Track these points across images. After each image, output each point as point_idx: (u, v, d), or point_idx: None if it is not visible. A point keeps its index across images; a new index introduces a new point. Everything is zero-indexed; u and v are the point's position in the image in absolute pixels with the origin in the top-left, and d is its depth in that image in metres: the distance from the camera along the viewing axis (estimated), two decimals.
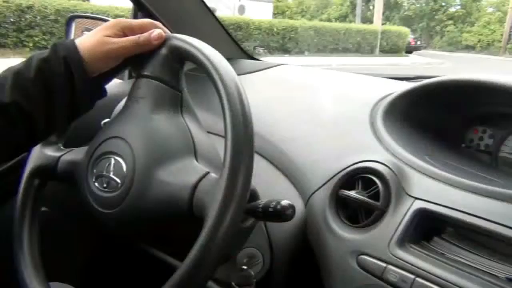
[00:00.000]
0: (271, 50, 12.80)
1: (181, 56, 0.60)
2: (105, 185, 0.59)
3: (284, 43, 13.39)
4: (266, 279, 0.74)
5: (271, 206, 0.54)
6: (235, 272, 0.73)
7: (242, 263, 0.73)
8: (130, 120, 0.60)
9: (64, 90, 0.57)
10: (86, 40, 0.59)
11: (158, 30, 0.60)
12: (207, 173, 0.55)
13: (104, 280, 1.12)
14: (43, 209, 0.72)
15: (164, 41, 0.60)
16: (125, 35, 0.60)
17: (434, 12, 25.20)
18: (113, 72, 0.63)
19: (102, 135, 0.62)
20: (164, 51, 0.60)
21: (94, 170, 0.60)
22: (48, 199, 0.73)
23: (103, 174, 0.59)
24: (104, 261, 1.12)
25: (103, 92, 0.63)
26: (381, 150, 0.72)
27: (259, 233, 0.75)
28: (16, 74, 0.55)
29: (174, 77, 0.61)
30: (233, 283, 0.73)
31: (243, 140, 0.50)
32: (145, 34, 0.60)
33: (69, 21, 1.20)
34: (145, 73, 0.61)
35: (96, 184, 0.60)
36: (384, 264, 0.60)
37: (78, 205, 0.66)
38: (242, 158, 0.50)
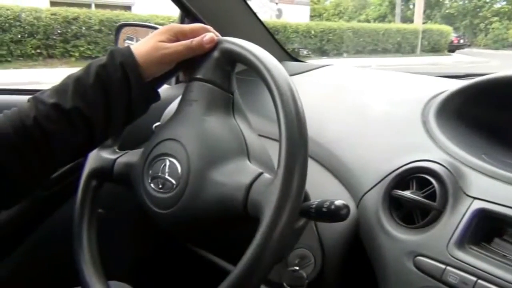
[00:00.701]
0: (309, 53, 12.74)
1: (232, 59, 0.61)
2: (160, 186, 0.60)
3: (322, 45, 13.29)
4: (318, 280, 0.74)
5: (325, 206, 0.54)
6: (287, 273, 0.73)
7: (294, 264, 0.73)
8: (184, 123, 0.61)
9: (121, 94, 0.59)
10: (141, 46, 0.61)
11: (210, 34, 0.62)
12: (261, 173, 0.55)
13: (157, 281, 1.15)
14: (99, 210, 0.75)
15: (215, 45, 0.61)
16: (177, 40, 0.62)
17: (477, 9, 24.32)
18: (166, 76, 0.65)
19: (156, 137, 0.63)
20: (216, 54, 0.61)
21: (150, 172, 0.62)
22: (104, 202, 0.75)
23: (159, 175, 0.60)
24: (157, 262, 1.15)
25: (157, 96, 0.65)
26: (435, 149, 0.70)
27: (310, 234, 0.74)
28: (77, 80, 0.58)
29: (226, 79, 0.62)
30: (285, 284, 0.73)
31: (298, 141, 0.51)
32: (198, 38, 0.61)
33: (118, 29, 1.24)
34: (198, 76, 0.62)
35: (152, 185, 0.61)
36: (443, 266, 0.58)
37: (132, 207, 0.68)
38: (297, 159, 0.50)
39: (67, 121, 0.56)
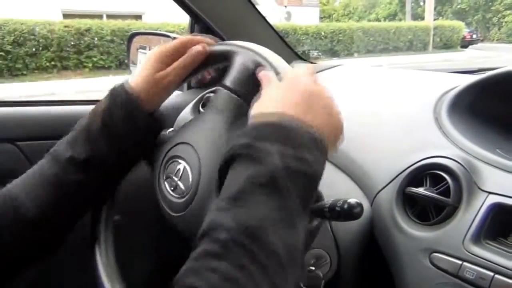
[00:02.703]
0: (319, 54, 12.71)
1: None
2: (172, 188, 0.61)
3: (333, 46, 13.26)
4: (334, 280, 0.73)
5: (338, 205, 0.54)
6: (303, 273, 0.73)
7: (310, 264, 0.73)
8: (204, 131, 0.61)
9: (129, 133, 0.61)
10: (141, 82, 0.62)
11: (195, 47, 0.63)
12: None
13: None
14: (115, 217, 0.76)
15: (210, 53, 0.63)
16: (172, 62, 0.63)
17: (490, 3, 23.97)
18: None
19: (176, 138, 0.64)
20: (250, 65, 0.60)
21: (165, 171, 0.63)
22: (121, 208, 0.76)
23: (172, 177, 0.61)
24: (174, 265, 1.16)
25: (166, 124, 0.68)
26: (448, 145, 0.70)
27: (325, 234, 0.74)
28: (86, 129, 0.60)
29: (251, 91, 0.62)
30: (301, 285, 0.73)
31: None
32: (187, 57, 0.63)
33: (130, 38, 1.26)
34: (226, 84, 0.62)
35: (166, 184, 0.62)
36: (459, 262, 0.58)
37: (149, 212, 0.68)
38: None
39: (84, 171, 0.59)
